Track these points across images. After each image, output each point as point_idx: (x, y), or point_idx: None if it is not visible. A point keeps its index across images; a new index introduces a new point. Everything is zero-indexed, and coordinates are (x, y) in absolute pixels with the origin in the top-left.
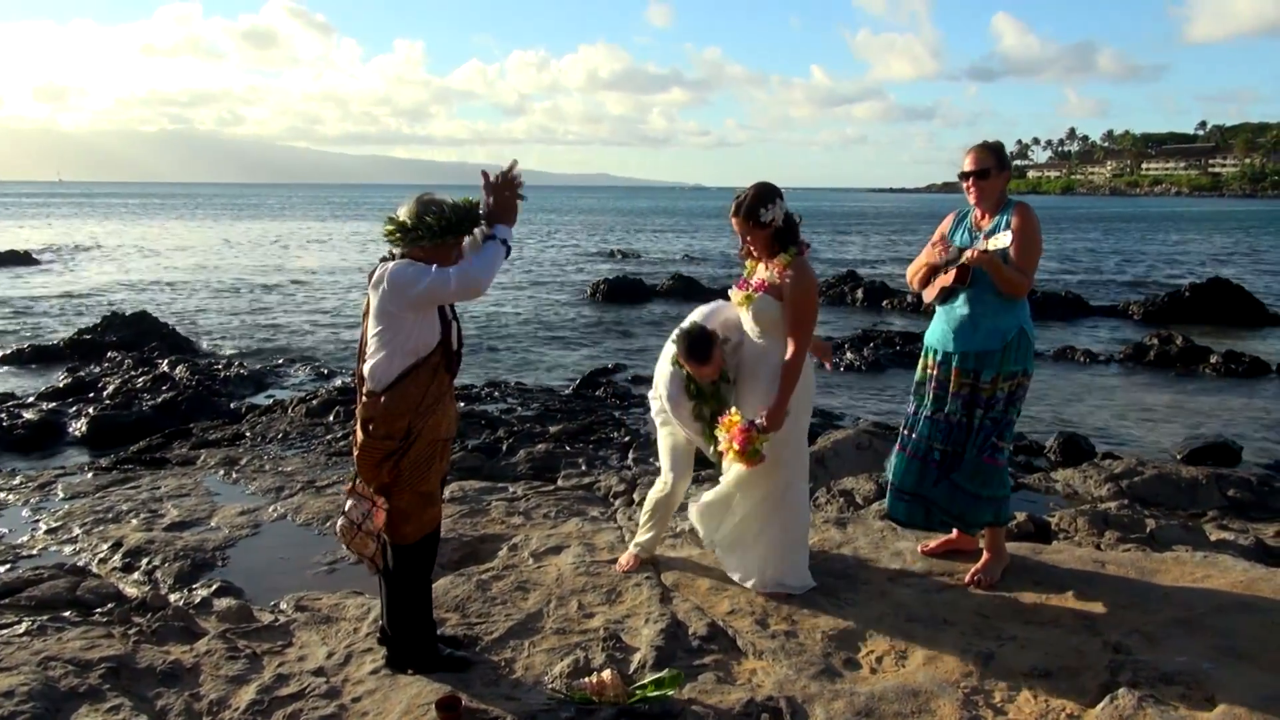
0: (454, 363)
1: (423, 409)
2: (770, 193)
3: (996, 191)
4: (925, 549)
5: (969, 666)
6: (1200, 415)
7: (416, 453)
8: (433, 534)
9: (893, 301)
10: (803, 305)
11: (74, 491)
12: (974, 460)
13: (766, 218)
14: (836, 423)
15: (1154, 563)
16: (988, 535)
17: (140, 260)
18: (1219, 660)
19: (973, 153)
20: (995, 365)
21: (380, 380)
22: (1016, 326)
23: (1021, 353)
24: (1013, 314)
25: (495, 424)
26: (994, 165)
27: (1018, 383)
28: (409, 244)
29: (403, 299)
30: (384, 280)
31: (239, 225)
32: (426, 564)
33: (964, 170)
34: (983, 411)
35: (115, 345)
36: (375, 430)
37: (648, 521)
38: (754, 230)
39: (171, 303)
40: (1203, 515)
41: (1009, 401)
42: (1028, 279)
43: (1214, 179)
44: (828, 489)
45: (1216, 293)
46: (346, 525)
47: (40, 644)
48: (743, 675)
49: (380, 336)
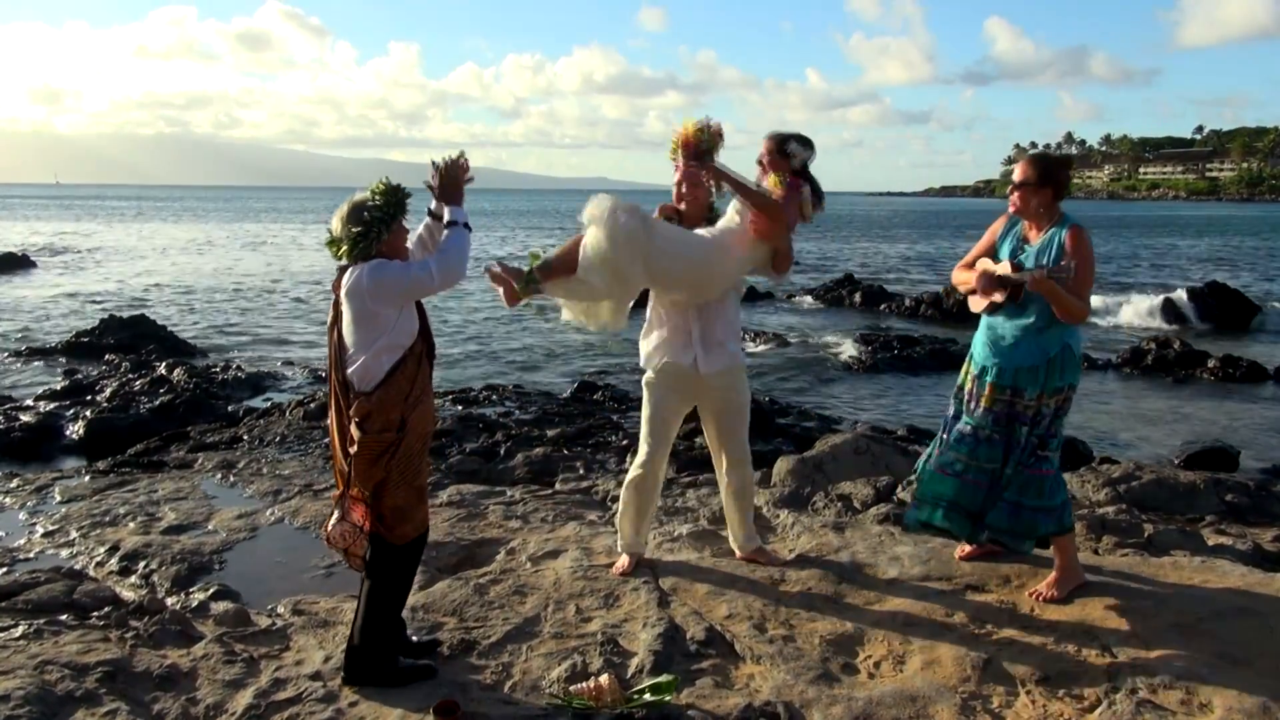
0: (432, 350)
1: (412, 399)
2: (807, 141)
3: (1042, 202)
4: (964, 554)
5: (967, 671)
6: (1198, 420)
7: (408, 445)
8: (421, 537)
9: (891, 305)
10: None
11: (71, 494)
12: (1021, 474)
13: (792, 150)
14: (834, 426)
15: (1152, 567)
16: (1056, 549)
17: (138, 263)
18: (1217, 665)
19: (1022, 162)
20: (1039, 382)
21: (371, 379)
22: (1061, 343)
23: (1068, 369)
24: (1058, 331)
25: (493, 427)
26: (1036, 178)
27: (1064, 397)
28: (368, 247)
29: (391, 296)
30: (362, 283)
31: (236, 227)
32: (411, 568)
33: (1013, 180)
34: (1027, 429)
35: (113, 348)
36: (372, 425)
37: (626, 510)
38: (776, 159)
39: (169, 305)
40: (1200, 520)
41: (1055, 416)
42: (1086, 305)
43: (1212, 183)
44: (825, 493)
45: (1214, 296)
46: (348, 529)
47: (37, 647)
48: (740, 680)
49: (362, 339)
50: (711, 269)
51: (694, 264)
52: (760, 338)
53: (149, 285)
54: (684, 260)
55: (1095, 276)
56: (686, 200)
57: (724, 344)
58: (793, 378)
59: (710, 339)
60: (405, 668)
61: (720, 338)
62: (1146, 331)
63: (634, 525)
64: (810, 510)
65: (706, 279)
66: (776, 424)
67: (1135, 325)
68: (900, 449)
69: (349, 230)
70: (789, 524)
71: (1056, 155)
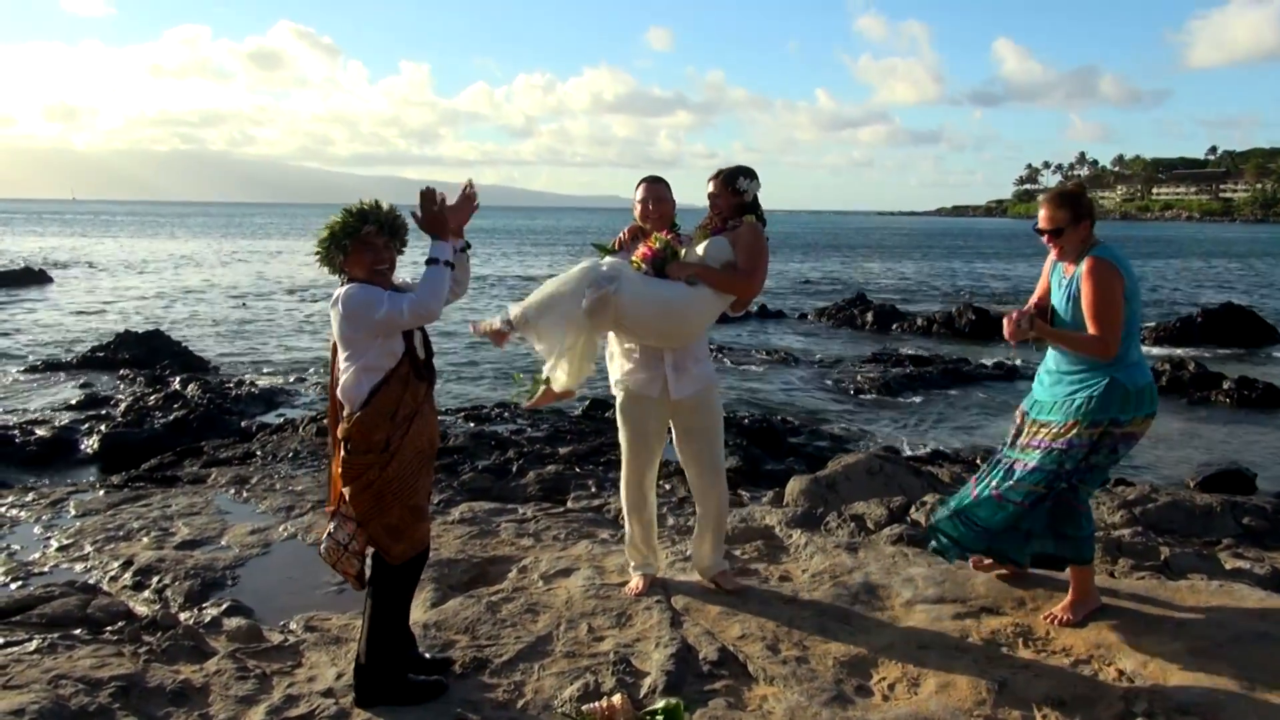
0: (426, 371)
1: (399, 419)
2: (752, 173)
3: (1077, 244)
4: (978, 564)
5: (982, 695)
6: (1213, 442)
7: (400, 464)
8: (420, 555)
9: (903, 324)
10: (756, 249)
11: (85, 509)
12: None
13: (743, 187)
14: (847, 446)
15: (1168, 591)
16: (1073, 574)
17: (153, 277)
18: (1236, 691)
19: (1045, 207)
20: (1073, 413)
21: (354, 400)
22: (1103, 378)
23: (1109, 403)
24: (1101, 367)
25: (505, 445)
26: (1068, 221)
27: (1102, 431)
28: (329, 258)
29: (362, 327)
30: (339, 305)
31: (251, 243)
32: (410, 586)
33: (1038, 228)
34: (1054, 458)
35: (128, 362)
36: (355, 446)
37: (632, 533)
38: (727, 195)
39: (184, 320)
40: (1217, 543)
41: (1092, 449)
42: (1106, 341)
43: (1225, 204)
44: (839, 513)
45: (1229, 317)
46: (333, 546)
47: (51, 662)
48: (753, 701)
49: (344, 358)
50: (682, 325)
51: (663, 319)
52: (772, 357)
53: (164, 300)
54: (653, 319)
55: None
56: (652, 217)
57: (695, 365)
58: (804, 397)
59: (682, 364)
60: (417, 685)
61: (691, 360)
62: (1161, 353)
63: (642, 546)
64: (823, 530)
65: (676, 332)
66: (789, 443)
67: (1150, 345)
68: (913, 469)
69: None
70: (802, 544)
71: (1071, 185)
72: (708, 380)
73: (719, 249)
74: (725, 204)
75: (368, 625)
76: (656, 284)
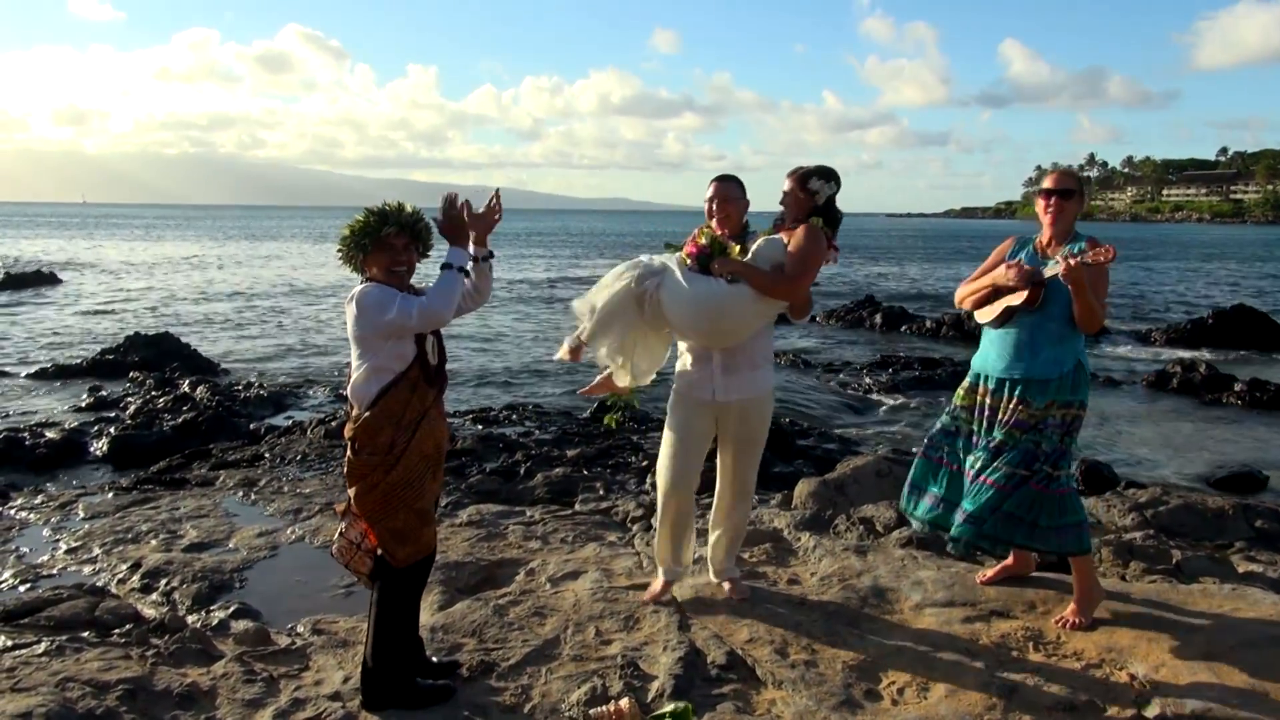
0: (436, 377)
1: (405, 423)
2: (830, 173)
3: (1072, 216)
4: (984, 579)
5: (992, 699)
6: (1225, 444)
7: (405, 468)
8: (426, 559)
9: (912, 326)
10: (807, 253)
11: (94, 511)
12: (1029, 493)
13: (815, 188)
14: (856, 449)
15: (1180, 595)
16: (1075, 571)
17: (163, 279)
18: (1248, 696)
19: (1055, 173)
20: (1050, 393)
21: (362, 400)
22: (1074, 358)
23: (1078, 384)
24: (1071, 344)
25: (513, 447)
26: (1076, 188)
27: (1074, 414)
28: (349, 256)
29: (370, 327)
30: (353, 304)
31: (260, 246)
32: (416, 590)
33: (1047, 187)
34: (1031, 437)
35: (137, 365)
36: (360, 448)
37: (665, 534)
38: (798, 194)
39: (193, 322)
40: (1230, 546)
41: (1065, 431)
42: (1104, 311)
43: (1236, 205)
44: (847, 516)
45: (1241, 319)
46: (345, 545)
47: (59, 664)
48: (762, 705)
49: (359, 357)
50: (719, 322)
51: (698, 316)
52: (780, 359)
53: (173, 302)
54: (687, 315)
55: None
56: (719, 218)
57: (749, 371)
58: (813, 399)
59: (733, 366)
60: (424, 689)
61: (745, 364)
62: (1172, 354)
63: (673, 548)
64: (832, 533)
65: (713, 330)
66: (797, 445)
67: (1161, 347)
68: None
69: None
70: (810, 547)
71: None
72: (760, 389)
73: (772, 249)
74: (796, 204)
75: (373, 629)
76: (693, 279)
